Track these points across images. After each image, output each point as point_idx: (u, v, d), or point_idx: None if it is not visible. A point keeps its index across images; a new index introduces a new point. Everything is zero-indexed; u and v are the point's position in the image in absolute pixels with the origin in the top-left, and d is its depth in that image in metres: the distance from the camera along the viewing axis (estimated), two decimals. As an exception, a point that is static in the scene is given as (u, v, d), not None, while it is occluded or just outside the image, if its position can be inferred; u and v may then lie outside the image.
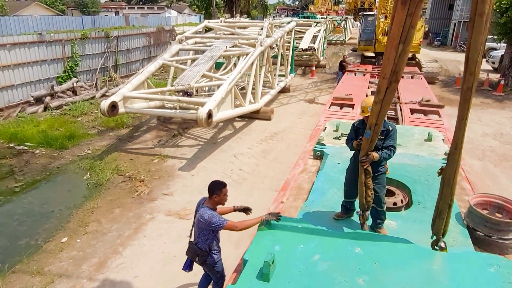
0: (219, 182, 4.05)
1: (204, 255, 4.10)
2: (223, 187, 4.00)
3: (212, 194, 3.96)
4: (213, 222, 3.83)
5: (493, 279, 2.88)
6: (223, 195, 3.99)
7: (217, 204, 4.03)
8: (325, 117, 8.68)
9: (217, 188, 3.97)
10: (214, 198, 3.95)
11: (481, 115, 13.29)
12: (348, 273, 2.96)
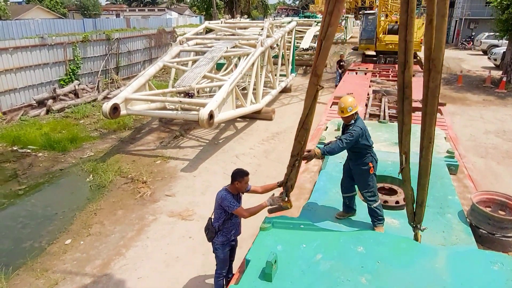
0: (242, 170, 4.19)
1: (213, 232, 4.31)
2: (245, 175, 4.15)
3: (234, 180, 4.13)
4: (225, 203, 4.08)
5: (496, 277, 2.87)
6: (244, 183, 4.15)
7: (236, 191, 4.20)
8: (327, 116, 8.67)
9: (240, 176, 4.12)
10: (236, 185, 4.13)
11: (484, 113, 13.25)
12: (350, 272, 2.95)
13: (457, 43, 34.72)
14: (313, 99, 3.49)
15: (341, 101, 3.95)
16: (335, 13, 2.92)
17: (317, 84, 3.34)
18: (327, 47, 3.14)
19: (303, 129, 3.66)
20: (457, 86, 17.71)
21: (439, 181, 5.03)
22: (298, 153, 3.82)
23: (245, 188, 4.23)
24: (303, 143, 3.77)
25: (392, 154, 5.90)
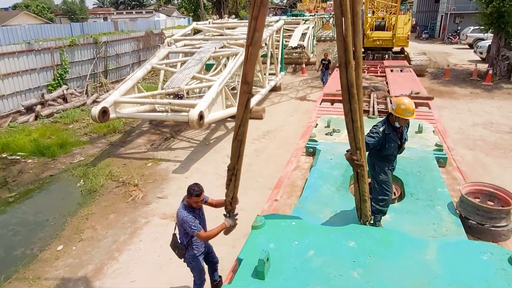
0: (194, 188, 4.06)
1: (182, 249, 4.26)
2: (195, 195, 4.03)
3: (188, 195, 4.10)
4: (185, 226, 4.04)
5: (486, 266, 2.92)
6: (193, 202, 4.08)
7: (190, 205, 4.12)
8: (317, 113, 8.70)
9: (189, 193, 4.05)
10: (189, 199, 4.09)
11: (471, 106, 13.42)
12: (342, 267, 2.97)
13: (444, 37, 35.11)
14: (244, 108, 3.27)
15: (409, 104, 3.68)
16: (260, 18, 2.84)
17: (248, 92, 3.16)
18: (254, 53, 3.01)
19: (236, 141, 3.46)
20: (444, 80, 17.91)
21: (428, 174, 5.08)
22: (234, 166, 3.66)
23: (199, 205, 4.15)
24: (238, 156, 3.57)
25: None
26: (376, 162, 3.93)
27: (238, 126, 3.39)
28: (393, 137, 3.79)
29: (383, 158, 3.90)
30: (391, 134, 3.78)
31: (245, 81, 3.15)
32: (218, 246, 6.03)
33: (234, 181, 3.79)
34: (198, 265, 4.39)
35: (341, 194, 4.67)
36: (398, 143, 3.87)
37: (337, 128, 6.96)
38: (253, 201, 7.12)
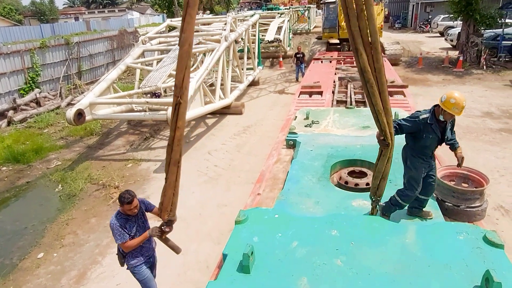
0: (123, 196, 3.82)
1: (121, 256, 4.11)
2: (125, 203, 3.81)
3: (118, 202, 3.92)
4: (112, 234, 3.91)
5: (462, 246, 3.02)
6: (126, 209, 3.87)
7: (124, 212, 3.92)
8: (295, 106, 8.76)
9: (120, 202, 3.85)
10: (122, 208, 3.89)
11: (444, 92, 13.66)
12: (326, 256, 3.02)
13: (416, 26, 35.83)
14: (176, 114, 3.08)
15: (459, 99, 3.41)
16: (187, 19, 2.81)
17: (177, 96, 2.98)
18: (181, 54, 2.92)
19: (168, 145, 3.28)
20: (418, 68, 18.31)
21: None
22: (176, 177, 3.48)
23: (133, 211, 3.92)
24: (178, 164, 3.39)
25: (360, 138, 6.06)
26: (409, 156, 3.77)
27: (173, 130, 3.16)
28: (434, 128, 3.55)
29: (418, 151, 3.69)
30: (433, 125, 3.56)
31: (175, 84, 3.01)
32: (203, 243, 6.04)
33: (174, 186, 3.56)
34: (141, 275, 4.17)
35: (322, 185, 4.72)
36: (438, 137, 3.64)
37: (316, 119, 7.03)
38: (237, 197, 7.14)
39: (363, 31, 2.98)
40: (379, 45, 3.06)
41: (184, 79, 2.99)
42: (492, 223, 5.90)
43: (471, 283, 2.58)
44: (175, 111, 3.08)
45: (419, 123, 3.59)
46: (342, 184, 4.84)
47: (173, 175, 3.43)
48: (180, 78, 2.98)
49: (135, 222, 4.00)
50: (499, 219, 6.09)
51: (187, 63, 2.96)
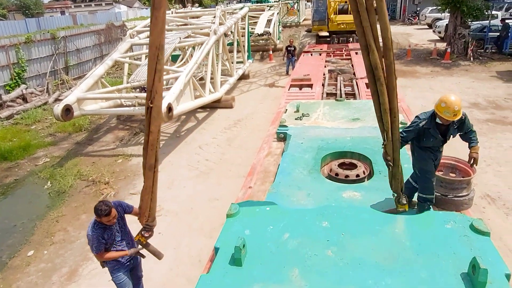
0: (99, 209, 3.67)
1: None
2: (103, 216, 3.67)
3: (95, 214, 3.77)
4: (89, 244, 3.84)
5: (450, 234, 3.07)
6: (104, 221, 3.75)
7: (101, 222, 3.78)
8: (286, 99, 8.76)
9: (97, 215, 3.70)
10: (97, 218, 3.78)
11: (432, 83, 13.92)
12: (317, 247, 3.05)
13: (404, 19, 35.98)
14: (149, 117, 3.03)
15: (451, 103, 3.38)
16: (154, 22, 2.77)
17: (149, 100, 2.93)
18: (150, 57, 2.87)
19: (144, 149, 3.23)
20: (407, 60, 18.43)
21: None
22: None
23: (112, 222, 3.81)
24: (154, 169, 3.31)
25: (350, 130, 6.10)
26: (416, 149, 3.82)
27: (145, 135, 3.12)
28: (432, 132, 3.58)
29: (423, 148, 3.76)
30: (431, 129, 3.58)
31: (147, 88, 2.99)
32: (195, 237, 6.05)
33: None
34: (117, 278, 4.13)
35: (313, 177, 4.75)
36: (440, 139, 3.68)
37: (306, 112, 7.05)
38: (228, 190, 7.15)
39: (373, 26, 2.95)
40: (390, 42, 3.01)
41: (154, 82, 2.94)
42: (479, 211, 6.01)
43: (459, 270, 2.63)
44: (147, 115, 3.04)
45: (419, 130, 3.65)
46: (332, 176, 4.88)
47: (148, 180, 3.38)
48: (150, 82, 2.93)
49: (114, 229, 3.91)
50: (485, 207, 6.21)
51: (157, 67, 2.90)
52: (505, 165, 7.54)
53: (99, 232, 3.78)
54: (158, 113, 3.06)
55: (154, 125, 3.08)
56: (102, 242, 3.81)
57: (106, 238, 3.85)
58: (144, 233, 3.74)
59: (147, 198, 3.51)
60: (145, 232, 3.74)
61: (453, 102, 3.37)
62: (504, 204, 6.32)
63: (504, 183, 6.90)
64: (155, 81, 2.94)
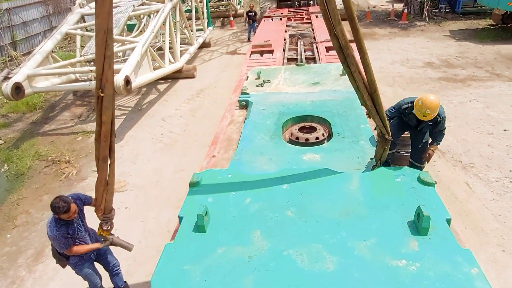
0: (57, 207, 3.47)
1: (63, 259, 3.93)
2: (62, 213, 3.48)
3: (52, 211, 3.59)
4: (55, 244, 3.68)
5: (400, 188, 3.29)
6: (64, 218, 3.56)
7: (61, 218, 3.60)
8: (247, 66, 8.68)
9: (55, 212, 3.51)
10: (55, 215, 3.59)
11: (390, 45, 14.21)
12: (277, 209, 3.17)
13: (365, -21, 35.86)
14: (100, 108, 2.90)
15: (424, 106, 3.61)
16: (99, 3, 2.52)
17: (99, 89, 2.78)
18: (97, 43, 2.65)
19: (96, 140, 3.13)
20: (366, 22, 18.59)
21: (353, 113, 5.40)
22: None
23: (74, 217, 3.64)
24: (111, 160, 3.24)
25: (310, 95, 6.19)
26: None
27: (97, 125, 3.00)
28: (411, 117, 3.87)
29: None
30: (411, 115, 3.86)
31: (96, 76, 2.80)
32: (163, 209, 6.09)
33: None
34: (84, 271, 4.04)
35: (274, 142, 4.84)
36: (414, 125, 3.97)
37: (267, 79, 7.05)
38: (193, 161, 7.17)
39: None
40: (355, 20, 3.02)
41: (104, 70, 2.73)
42: (430, 165, 6.39)
43: (406, 219, 2.85)
44: (97, 105, 2.87)
45: (401, 112, 3.99)
46: (293, 140, 4.99)
47: (102, 171, 3.26)
48: (100, 69, 2.72)
49: (75, 223, 3.75)
50: (436, 161, 6.62)
51: (106, 53, 2.68)
52: (454, 120, 7.99)
53: (63, 230, 3.61)
54: (109, 103, 2.89)
55: (106, 115, 2.91)
56: (69, 237, 3.66)
57: (71, 233, 3.69)
58: (103, 225, 3.66)
59: (101, 190, 3.42)
60: (104, 224, 3.66)
61: (427, 105, 3.63)
62: (452, 156, 6.76)
63: (453, 137, 7.33)
64: (104, 69, 2.73)
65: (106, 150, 3.11)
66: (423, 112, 3.66)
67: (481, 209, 5.37)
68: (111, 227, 3.76)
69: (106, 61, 2.72)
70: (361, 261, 2.52)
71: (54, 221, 3.61)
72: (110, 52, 2.72)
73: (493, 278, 4.27)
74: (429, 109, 3.63)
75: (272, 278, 2.47)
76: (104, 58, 2.71)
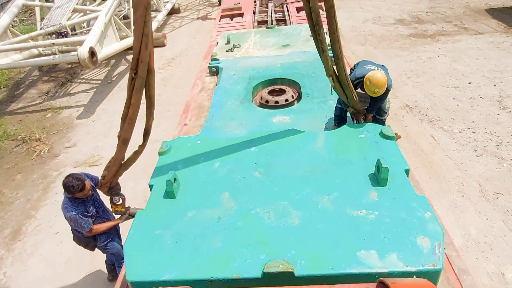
0: (71, 186, 3.43)
1: (91, 241, 3.90)
2: (77, 191, 3.45)
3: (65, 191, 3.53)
4: (74, 225, 3.62)
5: (363, 143, 3.40)
6: (79, 196, 3.55)
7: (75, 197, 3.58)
8: (217, 31, 8.50)
9: (69, 192, 3.47)
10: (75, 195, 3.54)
11: (362, 2, 14.02)
12: (245, 171, 3.24)
13: None
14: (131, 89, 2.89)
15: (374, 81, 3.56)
16: None
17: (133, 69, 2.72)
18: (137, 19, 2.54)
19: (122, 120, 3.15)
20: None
21: (322, 73, 5.39)
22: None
23: (88, 194, 3.63)
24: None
25: (280, 57, 6.15)
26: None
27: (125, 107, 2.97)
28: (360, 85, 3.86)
29: None
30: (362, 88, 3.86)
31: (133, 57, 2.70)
32: (139, 180, 6.10)
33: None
34: (116, 248, 4.05)
35: (245, 107, 4.86)
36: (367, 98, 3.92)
37: (237, 43, 6.94)
38: (167, 131, 7.12)
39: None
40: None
41: (141, 49, 2.60)
42: (399, 120, 6.60)
43: (367, 172, 2.97)
44: (130, 86, 2.81)
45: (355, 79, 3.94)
46: (263, 103, 5.01)
47: (120, 152, 3.23)
48: (137, 48, 2.60)
49: (90, 202, 3.73)
50: (404, 116, 6.81)
51: (144, 31, 2.52)
52: (423, 76, 8.15)
53: (81, 208, 3.58)
54: (141, 86, 2.81)
55: (135, 98, 2.85)
56: (88, 216, 3.63)
57: (90, 211, 3.66)
58: (114, 200, 3.63)
59: (114, 170, 3.40)
60: (115, 199, 3.64)
61: (375, 84, 3.64)
62: (419, 111, 6.96)
63: (420, 92, 7.51)
64: (142, 48, 2.60)
65: (128, 133, 3.08)
66: (373, 91, 3.73)
67: (445, 159, 5.63)
68: (122, 199, 3.74)
69: (144, 40, 2.58)
70: (324, 213, 2.64)
71: (69, 201, 3.56)
72: (148, 30, 2.58)
73: (453, 221, 4.58)
74: (377, 88, 3.71)
75: (241, 236, 2.57)
76: (142, 37, 2.57)
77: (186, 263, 2.41)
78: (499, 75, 7.81)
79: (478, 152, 5.76)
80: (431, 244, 2.29)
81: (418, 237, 2.35)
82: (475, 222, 4.64)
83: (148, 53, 2.70)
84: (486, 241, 4.42)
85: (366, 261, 2.25)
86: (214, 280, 2.29)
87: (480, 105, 6.89)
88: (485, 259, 4.24)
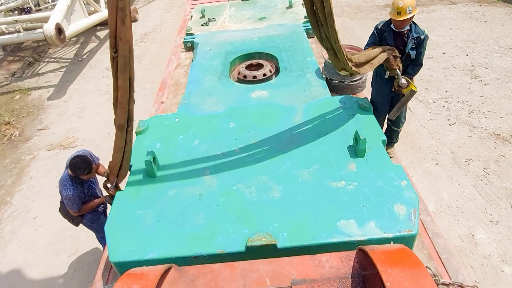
0: (80, 168, 3.41)
1: (77, 218, 3.90)
2: (84, 174, 3.43)
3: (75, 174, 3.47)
4: (67, 203, 3.61)
5: (341, 115, 3.43)
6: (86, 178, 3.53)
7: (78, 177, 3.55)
8: (191, 4, 8.24)
9: (76, 173, 3.42)
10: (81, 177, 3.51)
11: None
12: (225, 147, 3.23)
13: None
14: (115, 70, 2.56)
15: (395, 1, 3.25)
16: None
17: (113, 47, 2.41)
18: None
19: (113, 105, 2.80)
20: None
21: (299, 47, 5.39)
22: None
23: (91, 177, 3.64)
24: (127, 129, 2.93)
25: (257, 31, 6.04)
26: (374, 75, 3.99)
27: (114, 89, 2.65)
28: (387, 36, 3.57)
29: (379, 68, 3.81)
30: (386, 33, 3.58)
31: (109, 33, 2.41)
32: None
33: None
34: (100, 224, 4.01)
35: (222, 82, 4.78)
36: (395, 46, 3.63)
37: (212, 17, 6.76)
38: (143, 109, 6.96)
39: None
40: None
41: (118, 25, 2.29)
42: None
43: (346, 144, 3.02)
44: (113, 67, 2.53)
45: (378, 33, 3.74)
46: (241, 78, 4.94)
47: (118, 139, 3.05)
48: (113, 25, 2.31)
49: (88, 183, 3.71)
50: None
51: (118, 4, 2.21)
52: (399, 47, 8.21)
53: (79, 190, 3.56)
54: (125, 65, 2.53)
55: (121, 79, 2.57)
56: (81, 198, 3.60)
57: (86, 192, 3.64)
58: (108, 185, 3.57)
59: (117, 157, 3.26)
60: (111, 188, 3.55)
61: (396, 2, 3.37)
62: (397, 82, 7.05)
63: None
64: (118, 24, 2.30)
65: (122, 118, 2.81)
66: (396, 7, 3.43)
67: (419, 129, 5.78)
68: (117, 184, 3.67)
69: (119, 15, 2.28)
70: (305, 186, 2.68)
71: (70, 180, 3.52)
72: (123, 3, 2.25)
73: (427, 188, 4.76)
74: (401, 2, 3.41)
75: (223, 212, 2.59)
76: (117, 11, 2.27)
77: (170, 241, 2.41)
78: (472, 45, 7.96)
79: (451, 121, 5.94)
80: (407, 211, 2.38)
81: (395, 205, 2.43)
82: (447, 188, 4.85)
83: (126, 29, 2.42)
84: (457, 206, 4.63)
85: (346, 230, 2.31)
86: (198, 256, 2.32)
87: (453, 75, 7.04)
88: (456, 222, 4.46)
